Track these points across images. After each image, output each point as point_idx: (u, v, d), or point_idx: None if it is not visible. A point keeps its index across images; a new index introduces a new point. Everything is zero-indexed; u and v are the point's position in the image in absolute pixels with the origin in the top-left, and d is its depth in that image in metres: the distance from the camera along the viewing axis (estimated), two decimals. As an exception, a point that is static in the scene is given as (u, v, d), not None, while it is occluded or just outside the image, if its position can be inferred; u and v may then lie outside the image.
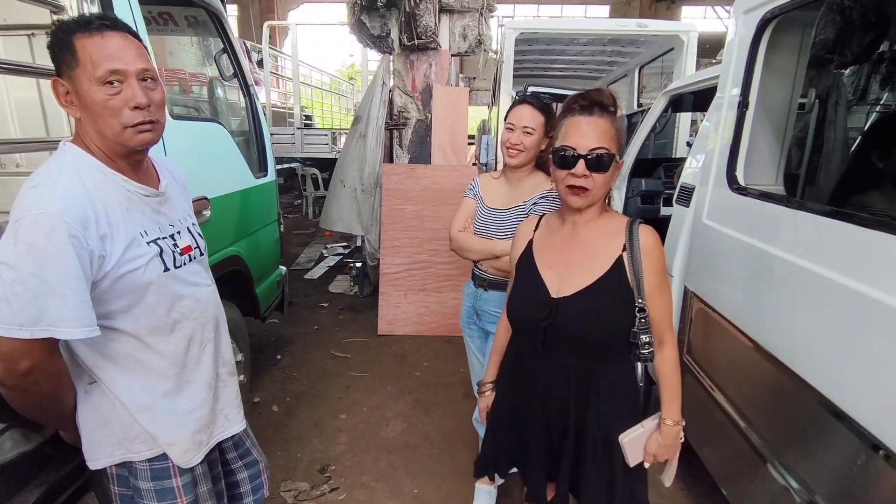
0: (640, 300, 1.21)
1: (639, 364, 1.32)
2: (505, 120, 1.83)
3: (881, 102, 1.83)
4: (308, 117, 12.70)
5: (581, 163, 1.17)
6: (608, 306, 1.22)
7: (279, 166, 11.28)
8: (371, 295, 4.82)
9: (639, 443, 1.27)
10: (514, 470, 1.47)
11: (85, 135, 1.10)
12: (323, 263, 6.19)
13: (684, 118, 5.15)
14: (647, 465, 1.30)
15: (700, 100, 2.90)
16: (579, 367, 1.26)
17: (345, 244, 7.02)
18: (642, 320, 1.21)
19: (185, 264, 1.24)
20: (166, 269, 1.17)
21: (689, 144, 5.53)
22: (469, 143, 11.06)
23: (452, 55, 4.17)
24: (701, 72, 2.66)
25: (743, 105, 1.68)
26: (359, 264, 5.06)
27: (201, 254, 1.33)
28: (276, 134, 10.44)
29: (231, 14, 16.43)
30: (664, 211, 3.29)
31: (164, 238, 1.19)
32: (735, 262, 1.67)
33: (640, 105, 6.39)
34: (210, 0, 2.38)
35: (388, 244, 4.00)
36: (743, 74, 1.69)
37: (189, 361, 1.24)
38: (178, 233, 1.25)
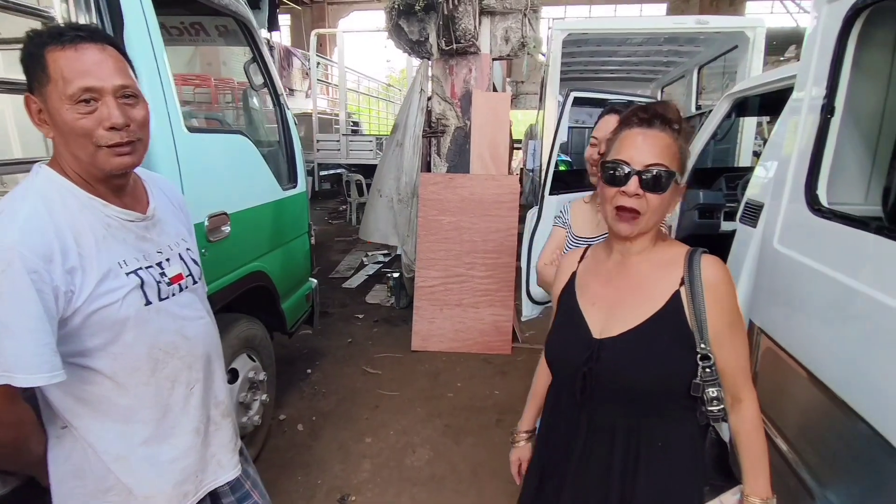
0: (702, 345, 0.99)
1: (710, 425, 1.07)
2: (592, 134, 1.64)
3: None
4: (356, 123, 12.84)
5: (634, 180, 0.98)
6: (662, 351, 1.01)
7: (325, 172, 11.46)
8: (407, 307, 4.68)
9: None
10: None
11: (60, 156, 1.00)
12: (362, 272, 6.12)
13: (749, 123, 4.75)
14: None
15: (769, 103, 2.58)
16: (627, 425, 1.04)
17: (385, 252, 6.94)
18: (707, 370, 0.99)
19: (173, 295, 1.12)
20: (148, 303, 1.05)
21: (756, 154, 5.12)
22: (516, 149, 10.86)
23: (494, 59, 3.97)
24: (771, 72, 2.36)
25: (828, 110, 1.41)
26: (396, 275, 4.94)
27: (195, 282, 1.20)
28: (322, 140, 10.58)
29: (284, 24, 16.94)
30: (725, 226, 2.97)
31: (148, 267, 1.07)
32: (815, 298, 1.40)
33: (698, 108, 6.00)
34: (238, 9, 2.30)
35: (423, 256, 3.85)
36: (828, 74, 1.42)
37: (173, 405, 1.12)
38: (168, 260, 1.13)
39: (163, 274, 1.10)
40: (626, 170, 0.98)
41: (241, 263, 2.27)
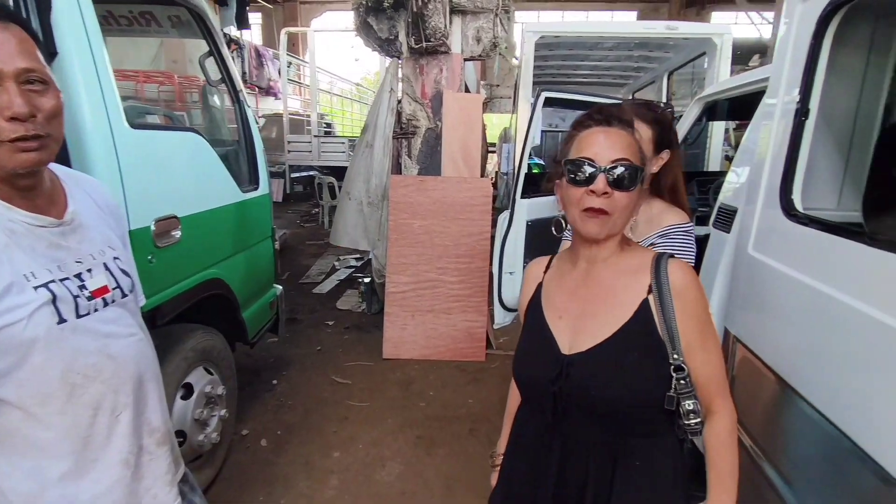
0: (675, 356, 0.93)
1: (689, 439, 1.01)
2: None
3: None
4: (328, 125, 12.65)
5: (601, 177, 0.92)
6: (633, 364, 0.94)
7: (297, 174, 11.25)
8: (379, 313, 4.56)
9: None
10: None
11: None
12: (334, 277, 5.97)
13: (718, 128, 4.79)
14: None
15: (740, 106, 2.56)
16: (603, 443, 0.97)
17: (357, 256, 6.80)
18: (681, 381, 0.92)
19: (95, 311, 0.99)
20: (62, 321, 0.92)
21: (728, 158, 5.15)
22: (491, 152, 10.82)
23: (465, 59, 3.90)
24: (741, 75, 2.34)
25: (802, 113, 1.36)
26: (367, 279, 4.81)
27: (124, 295, 1.07)
28: (294, 142, 10.37)
29: (255, 22, 16.60)
30: (697, 231, 2.94)
31: (63, 280, 0.94)
32: (790, 306, 1.35)
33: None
34: (193, -1, 2.16)
35: (394, 261, 3.74)
36: (801, 76, 1.37)
37: (95, 435, 0.99)
38: (90, 271, 1.00)
39: (82, 287, 0.97)
40: (592, 168, 0.93)
41: (195, 270, 2.13)
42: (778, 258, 1.41)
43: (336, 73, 12.76)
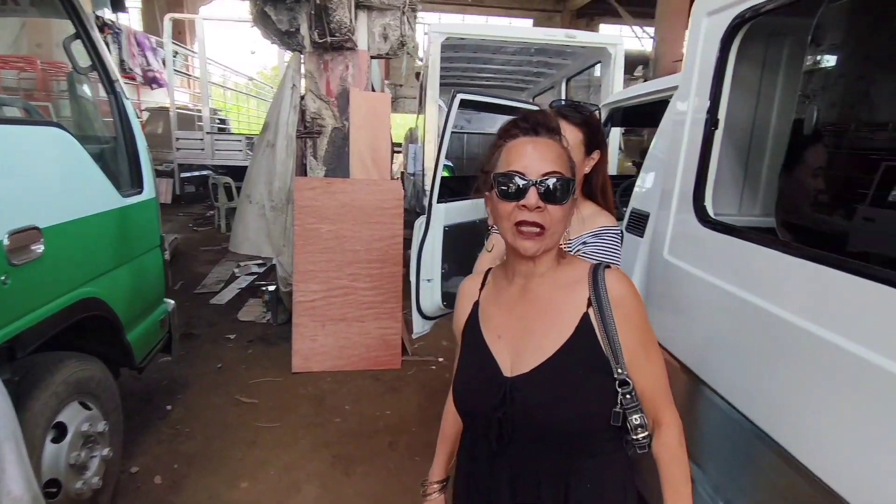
0: (619, 370, 0.89)
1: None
2: None
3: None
4: (223, 121, 11.84)
5: (533, 191, 0.87)
6: (579, 383, 0.90)
7: (188, 174, 10.40)
8: (286, 323, 4.29)
9: None
10: None
11: None
12: (234, 285, 5.55)
13: (614, 133, 5.07)
14: None
15: (642, 114, 2.68)
16: (552, 468, 0.92)
17: (260, 262, 6.39)
18: (627, 396, 0.90)
19: None
20: None
21: (635, 164, 5.44)
22: (396, 152, 10.71)
23: (372, 56, 3.76)
24: (646, 84, 2.45)
25: (712, 122, 1.41)
26: (272, 287, 4.51)
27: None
28: (184, 139, 9.58)
29: (133, 6, 15.09)
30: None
31: None
32: (705, 309, 1.40)
33: (568, 118, 6.32)
34: (52, -29, 1.84)
35: (302, 268, 3.51)
36: (710, 88, 1.43)
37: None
38: None
39: None
40: (523, 181, 0.88)
41: (64, 290, 1.82)
42: (692, 263, 1.46)
43: (229, 66, 11.95)
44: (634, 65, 13.72)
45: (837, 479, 0.95)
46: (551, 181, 0.87)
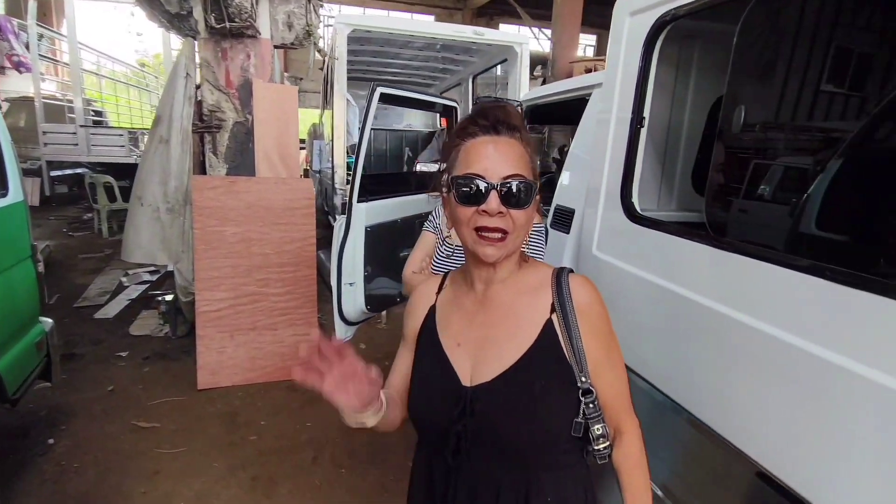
0: (582, 378, 0.87)
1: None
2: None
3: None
4: (98, 113, 10.65)
5: (494, 196, 0.82)
6: (542, 393, 0.86)
7: (59, 172, 9.24)
8: (187, 335, 3.93)
9: None
10: None
11: None
12: (122, 296, 5.00)
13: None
14: None
15: (557, 111, 2.75)
16: (512, 483, 0.87)
17: (152, 269, 5.82)
18: (590, 405, 0.87)
19: None
20: None
21: (555, 161, 5.58)
22: (300, 148, 10.24)
23: (276, 46, 3.53)
24: (563, 82, 2.49)
25: (638, 121, 1.45)
26: (169, 297, 4.11)
27: None
28: (52, 133, 8.50)
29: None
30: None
31: None
32: (635, 301, 1.44)
33: (477, 115, 6.41)
34: None
35: (204, 275, 3.22)
36: (635, 87, 1.47)
37: None
38: None
39: None
40: (483, 185, 0.83)
41: None
42: (621, 258, 1.50)
43: (106, 53, 10.76)
44: (534, 65, 14.25)
45: (755, 443, 1.05)
46: (514, 184, 0.83)
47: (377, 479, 2.43)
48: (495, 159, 0.84)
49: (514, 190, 0.83)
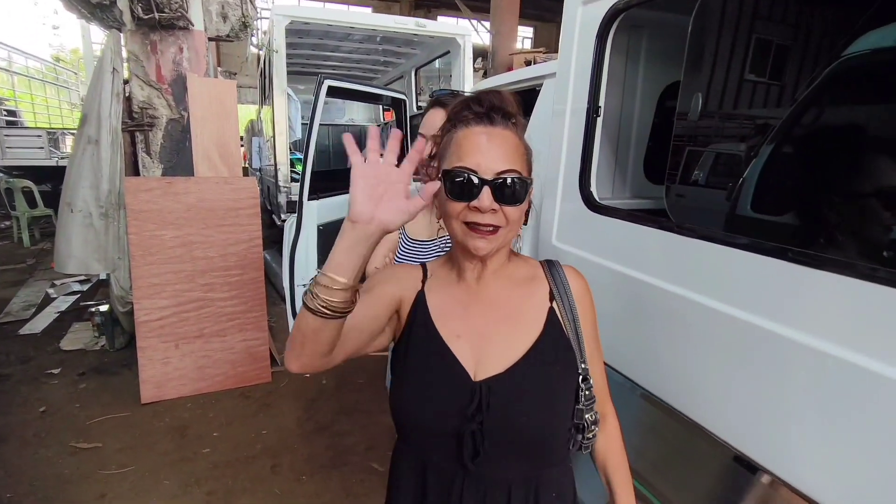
0: (582, 365, 0.88)
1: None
2: (419, 131, 1.46)
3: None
4: (11, 112, 9.83)
5: (486, 192, 0.79)
6: (556, 381, 0.86)
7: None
8: (126, 347, 3.71)
9: None
10: None
11: None
12: (50, 309, 4.66)
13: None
14: None
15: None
16: (523, 479, 0.85)
17: (83, 278, 5.45)
18: (587, 392, 0.88)
19: None
20: None
21: None
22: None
23: (210, 39, 3.36)
24: (514, 72, 2.49)
25: (594, 111, 1.47)
26: (104, 307, 3.85)
27: None
28: (-43, 135, 7.79)
29: None
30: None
31: None
32: (596, 290, 1.47)
33: (419, 108, 6.38)
34: None
35: (143, 283, 3.03)
36: (590, 78, 1.48)
37: None
38: None
39: None
40: (475, 180, 0.79)
41: None
42: (581, 247, 1.52)
43: (17, 47, 9.93)
44: (475, 57, 14.35)
45: (724, 424, 1.08)
46: (507, 180, 0.79)
47: (340, 483, 2.37)
48: (489, 153, 0.80)
49: (508, 186, 0.79)
